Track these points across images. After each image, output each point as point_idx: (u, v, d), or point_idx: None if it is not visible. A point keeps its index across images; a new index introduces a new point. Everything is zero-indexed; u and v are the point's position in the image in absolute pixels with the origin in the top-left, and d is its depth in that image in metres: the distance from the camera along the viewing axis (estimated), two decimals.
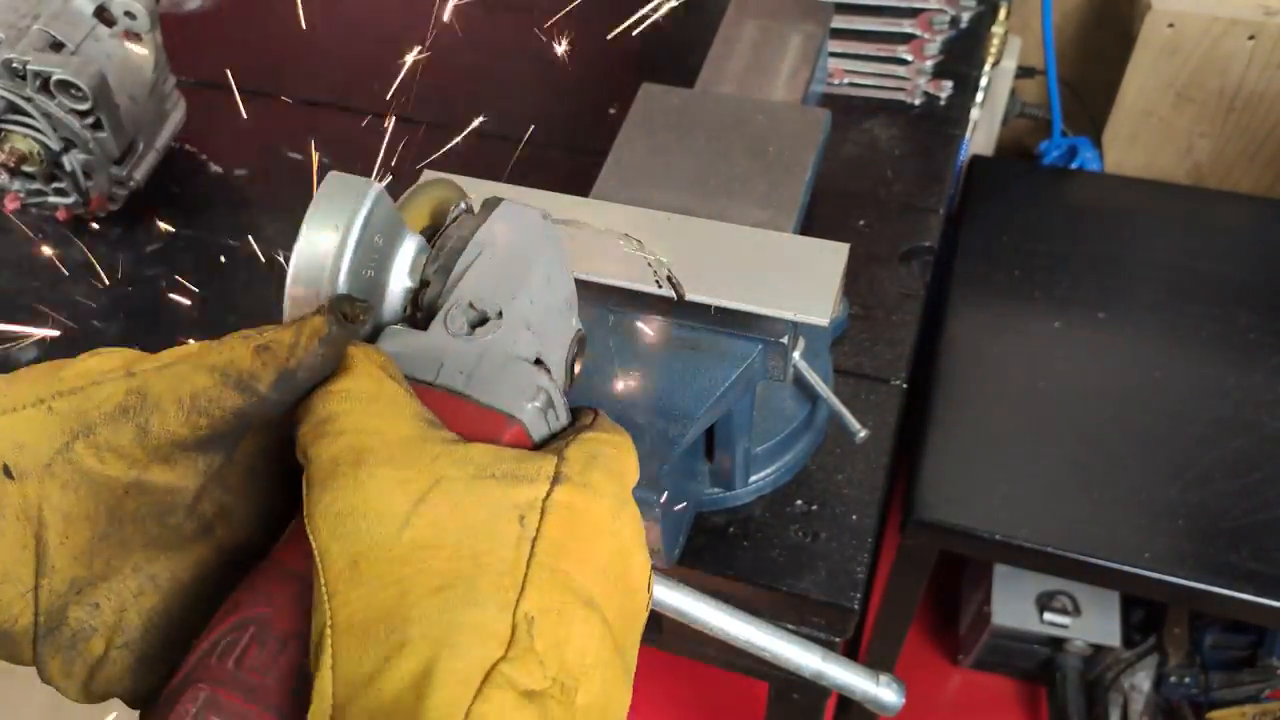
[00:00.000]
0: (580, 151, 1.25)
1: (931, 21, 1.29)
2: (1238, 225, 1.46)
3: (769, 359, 0.73)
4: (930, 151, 1.21)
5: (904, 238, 1.11)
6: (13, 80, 1.03)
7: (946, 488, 1.18)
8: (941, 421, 1.24)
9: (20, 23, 1.04)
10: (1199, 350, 1.29)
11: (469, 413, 0.46)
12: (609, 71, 1.35)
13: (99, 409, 0.42)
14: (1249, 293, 1.34)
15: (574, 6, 1.45)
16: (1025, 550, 1.14)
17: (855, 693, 0.74)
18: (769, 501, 0.91)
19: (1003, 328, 1.33)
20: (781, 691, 1.06)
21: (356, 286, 0.48)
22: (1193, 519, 1.14)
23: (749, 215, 0.82)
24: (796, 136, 0.90)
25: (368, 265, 0.49)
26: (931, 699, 1.79)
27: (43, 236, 1.20)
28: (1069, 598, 1.63)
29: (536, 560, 0.40)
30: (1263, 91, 1.58)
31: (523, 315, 0.50)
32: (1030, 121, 1.85)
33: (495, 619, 0.38)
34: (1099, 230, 1.43)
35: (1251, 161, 1.68)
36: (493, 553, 0.40)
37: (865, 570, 0.87)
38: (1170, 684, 1.59)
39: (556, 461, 0.44)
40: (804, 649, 0.75)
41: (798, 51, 1.05)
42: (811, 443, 0.93)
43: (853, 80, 1.28)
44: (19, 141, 1.07)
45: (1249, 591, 1.09)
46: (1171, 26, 1.54)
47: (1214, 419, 1.22)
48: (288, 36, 1.46)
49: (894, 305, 1.05)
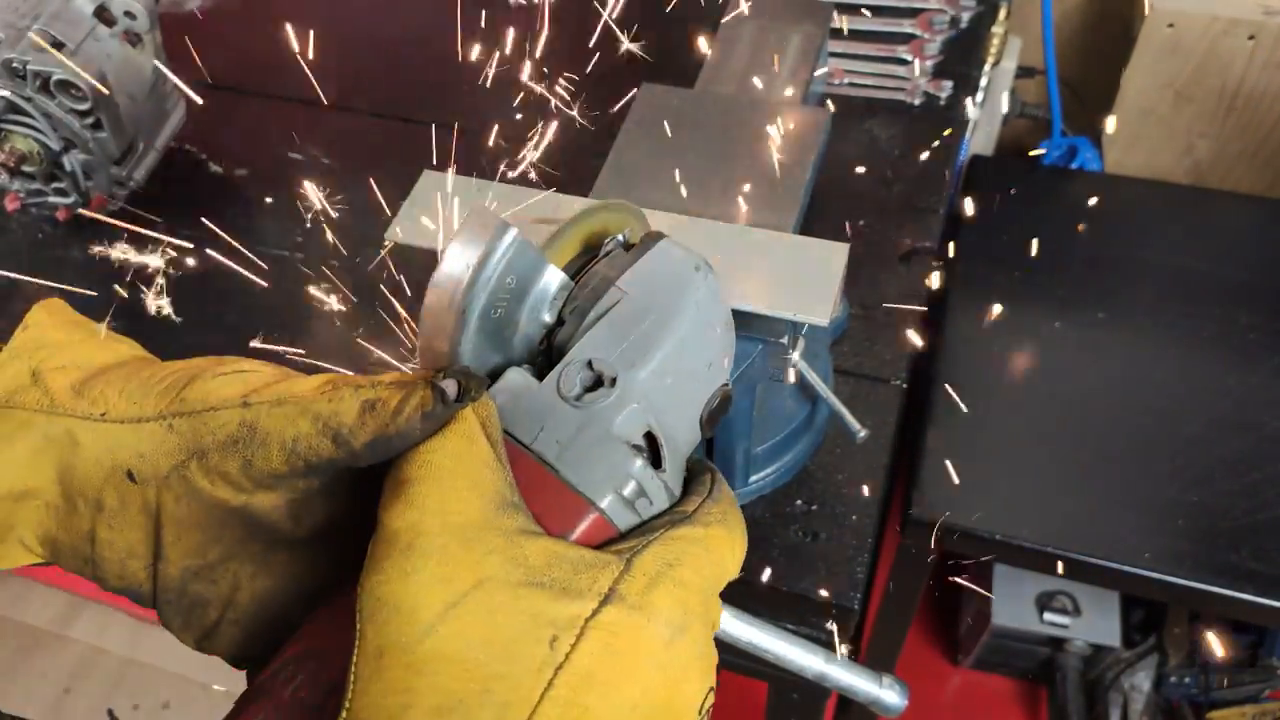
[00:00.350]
0: (580, 151, 1.25)
1: (931, 21, 1.29)
2: (1238, 225, 1.45)
3: (769, 359, 0.73)
4: (930, 151, 1.21)
5: (904, 238, 1.11)
6: (13, 80, 1.03)
7: (946, 488, 1.18)
8: (941, 421, 1.24)
9: (20, 23, 1.04)
10: (1199, 350, 1.29)
11: (553, 489, 0.45)
12: (609, 71, 1.35)
13: (213, 435, 0.45)
14: (1249, 293, 1.34)
15: (574, 7, 1.45)
16: (1025, 550, 1.14)
17: (859, 694, 0.74)
18: (769, 501, 0.91)
19: (1003, 328, 1.33)
20: (781, 691, 1.06)
21: (484, 327, 0.47)
22: (1193, 519, 1.14)
23: (749, 215, 0.82)
24: (796, 136, 0.90)
25: (497, 305, 0.47)
26: (931, 699, 1.79)
27: (43, 236, 1.20)
28: (1069, 598, 1.63)
29: (553, 692, 0.39)
30: (1263, 91, 1.58)
31: (639, 387, 0.47)
32: (1030, 121, 1.85)
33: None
34: (1099, 230, 1.43)
35: (1251, 161, 1.68)
36: (508, 678, 0.39)
37: (865, 570, 0.87)
38: (1170, 684, 1.59)
39: (617, 574, 0.42)
40: (807, 651, 0.75)
41: (798, 51, 1.05)
42: (811, 443, 0.93)
43: (853, 80, 1.27)
44: (19, 141, 1.07)
45: (1249, 591, 1.09)
46: (1171, 26, 1.54)
47: (1214, 419, 1.22)
48: (287, 37, 1.46)
49: (894, 305, 1.05)
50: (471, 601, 0.39)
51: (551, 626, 0.40)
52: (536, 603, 0.40)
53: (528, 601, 0.40)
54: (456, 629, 0.39)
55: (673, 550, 0.44)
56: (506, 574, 0.40)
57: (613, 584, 0.41)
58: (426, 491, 0.42)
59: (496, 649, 0.39)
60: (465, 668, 0.39)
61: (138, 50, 1.12)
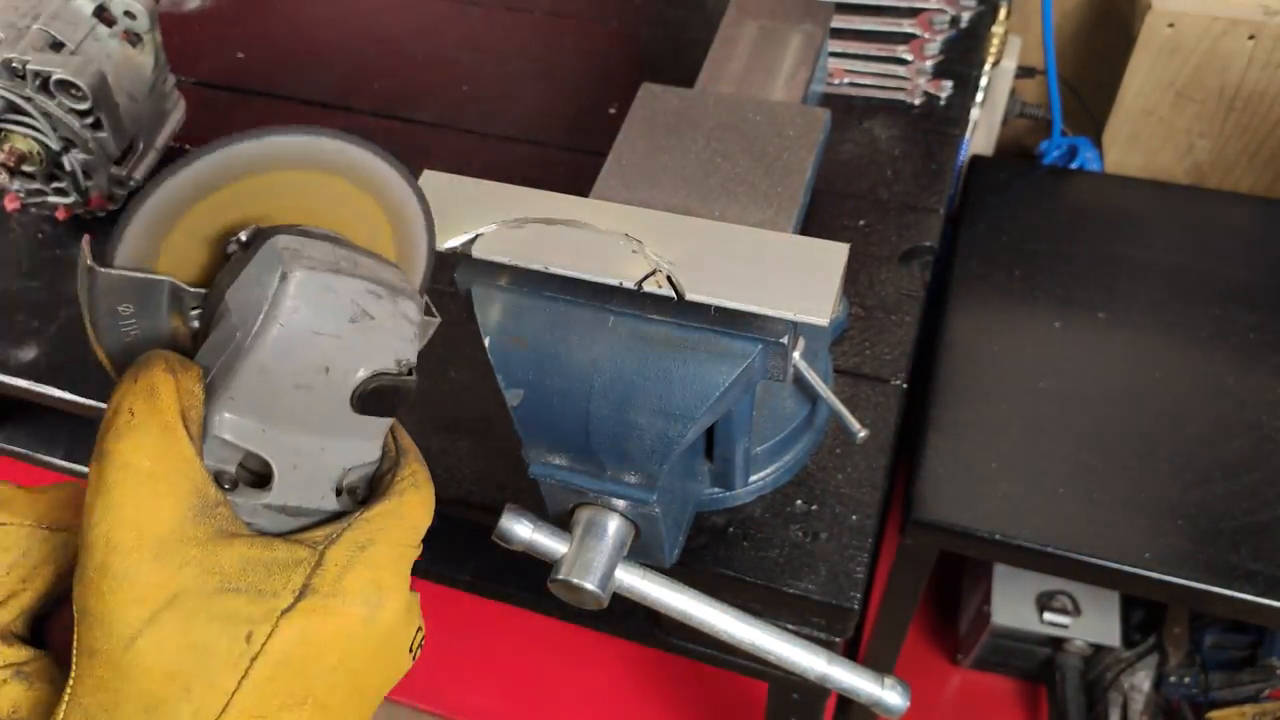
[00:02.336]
0: (580, 151, 1.25)
1: (931, 21, 1.29)
2: (1238, 225, 1.45)
3: (769, 359, 0.73)
4: (930, 151, 1.21)
5: (904, 238, 1.11)
6: (13, 80, 1.03)
7: (946, 488, 1.18)
8: (941, 421, 1.24)
9: (20, 23, 1.04)
10: (1199, 350, 1.29)
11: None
12: (609, 71, 1.35)
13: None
14: (1249, 293, 1.34)
15: (574, 6, 1.45)
16: (1025, 550, 1.14)
17: (860, 695, 0.74)
18: (769, 501, 0.91)
19: (1003, 328, 1.33)
20: (781, 691, 1.06)
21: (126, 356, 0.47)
22: (1193, 519, 1.14)
23: (749, 215, 0.82)
24: (796, 136, 0.90)
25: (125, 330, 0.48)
26: (931, 699, 1.79)
27: (43, 236, 1.20)
28: (1069, 598, 1.63)
29: (249, 679, 0.42)
30: (1263, 91, 1.58)
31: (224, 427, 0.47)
32: (1030, 121, 1.85)
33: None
34: (1099, 230, 1.43)
35: (1251, 161, 1.68)
36: (204, 676, 0.42)
37: (865, 570, 0.87)
38: (1170, 684, 1.60)
39: (310, 570, 0.45)
40: (809, 652, 0.75)
41: (798, 51, 1.05)
42: (811, 443, 0.93)
43: (853, 80, 1.27)
44: (19, 141, 1.06)
45: (1249, 591, 1.09)
46: (1171, 26, 1.54)
47: (1214, 419, 1.22)
48: (288, 36, 1.46)
49: (894, 305, 1.05)
50: (168, 615, 0.42)
51: (248, 624, 0.43)
52: (230, 607, 0.43)
53: (223, 608, 0.43)
54: (155, 642, 0.42)
55: (365, 532, 0.47)
56: (201, 584, 0.43)
57: (305, 580, 0.45)
58: (123, 500, 0.43)
59: (195, 652, 0.42)
60: (166, 673, 0.42)
61: (138, 50, 1.12)
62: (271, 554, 0.45)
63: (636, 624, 1.07)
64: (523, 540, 0.75)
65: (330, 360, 0.47)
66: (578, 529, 0.76)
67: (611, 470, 0.75)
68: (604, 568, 0.74)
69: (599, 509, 0.76)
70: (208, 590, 0.43)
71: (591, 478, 0.76)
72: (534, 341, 0.71)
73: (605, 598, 0.74)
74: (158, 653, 0.42)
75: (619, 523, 0.76)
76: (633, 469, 0.74)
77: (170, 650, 0.42)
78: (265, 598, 0.43)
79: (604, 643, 1.78)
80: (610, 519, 0.76)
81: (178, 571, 0.42)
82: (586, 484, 0.76)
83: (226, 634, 0.43)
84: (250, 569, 0.44)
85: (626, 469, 0.74)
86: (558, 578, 0.74)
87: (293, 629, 0.43)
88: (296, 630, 0.44)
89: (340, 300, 0.47)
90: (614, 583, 0.75)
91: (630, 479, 0.75)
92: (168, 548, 0.43)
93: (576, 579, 0.73)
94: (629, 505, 0.76)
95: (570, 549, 0.76)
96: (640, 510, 0.76)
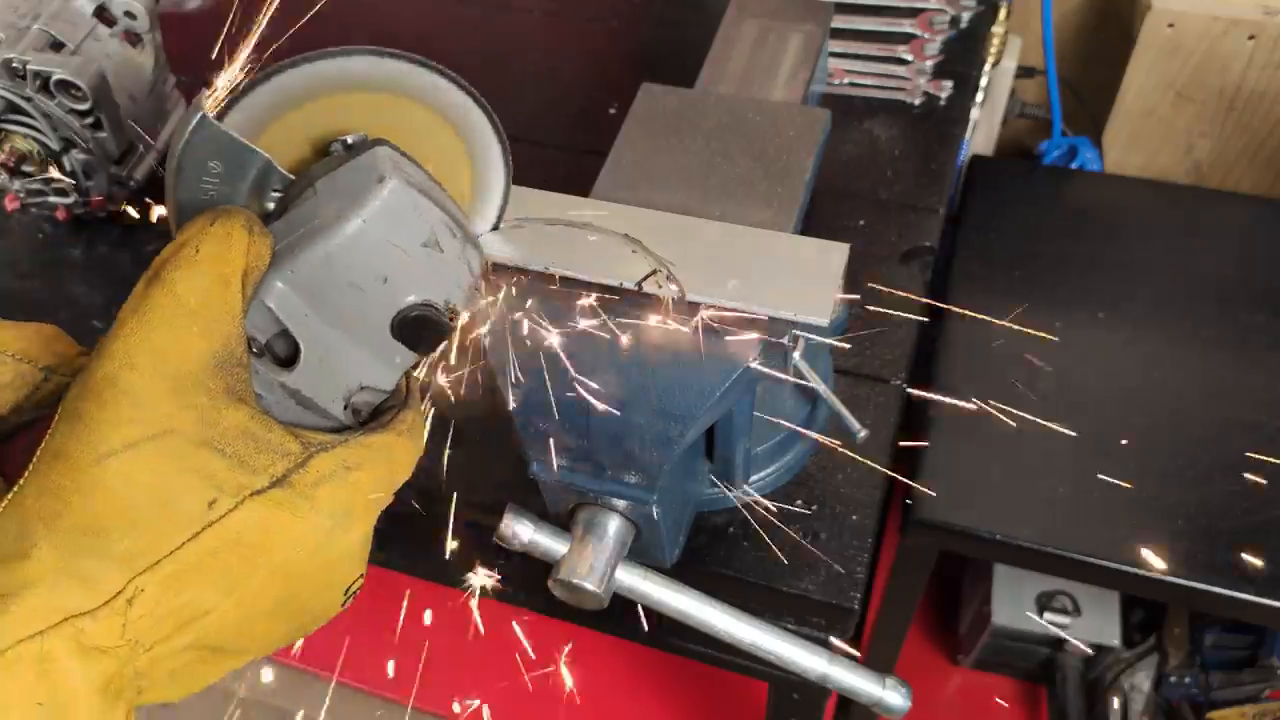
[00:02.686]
0: (580, 151, 1.25)
1: (931, 21, 1.29)
2: (1238, 225, 1.45)
3: (769, 359, 0.73)
4: (930, 151, 1.21)
5: (904, 238, 1.11)
6: (13, 80, 1.03)
7: (946, 487, 1.18)
8: (941, 421, 1.24)
9: (20, 23, 1.04)
10: (1199, 350, 1.29)
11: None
12: (609, 71, 1.35)
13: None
14: (1249, 293, 1.34)
15: (574, 6, 1.45)
16: (1025, 550, 1.14)
17: (861, 696, 0.74)
18: (769, 501, 0.91)
19: (1002, 328, 1.33)
20: (781, 691, 1.06)
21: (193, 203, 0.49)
22: (1193, 519, 1.14)
23: (749, 215, 0.82)
24: (796, 136, 0.90)
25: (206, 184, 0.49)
26: (931, 699, 1.79)
27: (43, 236, 1.20)
28: (1069, 598, 1.63)
29: (194, 544, 0.42)
30: (1263, 91, 1.58)
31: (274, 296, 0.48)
32: (1030, 121, 1.85)
33: (108, 577, 0.40)
34: (1099, 230, 1.43)
35: (1251, 161, 1.68)
36: (154, 524, 0.41)
37: (865, 570, 0.87)
38: (1170, 684, 1.59)
39: (293, 464, 0.45)
40: (810, 652, 0.75)
41: (798, 51, 1.05)
42: (811, 442, 0.93)
43: (853, 80, 1.27)
44: (19, 141, 1.07)
45: (1249, 591, 1.09)
46: (1171, 26, 1.54)
47: (1214, 419, 1.22)
48: (287, 37, 1.46)
49: (894, 305, 1.05)
50: (151, 446, 0.42)
51: (216, 490, 0.42)
52: (209, 465, 0.43)
53: (202, 462, 0.42)
54: (124, 468, 0.41)
55: (356, 454, 0.47)
56: (194, 432, 0.42)
57: (286, 471, 0.44)
58: (158, 324, 0.43)
59: (155, 495, 0.41)
60: (120, 503, 0.41)
61: (138, 50, 1.12)
62: (267, 433, 0.45)
63: (636, 624, 1.07)
64: (524, 540, 0.75)
65: (391, 272, 0.49)
66: (578, 529, 0.76)
67: (612, 470, 0.75)
68: (604, 568, 0.75)
69: (599, 509, 0.76)
70: (197, 440, 0.42)
71: (592, 478, 0.76)
72: (534, 342, 0.71)
73: (605, 598, 0.74)
74: (124, 479, 0.41)
75: (619, 523, 0.76)
76: (633, 469, 0.74)
77: (136, 482, 0.41)
78: (243, 471, 0.43)
79: (604, 643, 1.78)
80: (610, 519, 0.76)
81: (179, 411, 0.42)
82: (587, 484, 0.76)
83: (193, 492, 0.42)
84: (242, 438, 0.44)
85: (626, 469, 0.74)
86: (558, 578, 0.74)
87: (254, 512, 0.43)
88: (257, 515, 0.43)
89: (421, 221, 0.49)
90: (614, 583, 0.75)
91: (630, 479, 0.75)
92: (182, 385, 0.43)
93: (577, 579, 0.74)
94: (629, 505, 0.76)
95: (571, 549, 0.76)
96: (640, 510, 0.76)
